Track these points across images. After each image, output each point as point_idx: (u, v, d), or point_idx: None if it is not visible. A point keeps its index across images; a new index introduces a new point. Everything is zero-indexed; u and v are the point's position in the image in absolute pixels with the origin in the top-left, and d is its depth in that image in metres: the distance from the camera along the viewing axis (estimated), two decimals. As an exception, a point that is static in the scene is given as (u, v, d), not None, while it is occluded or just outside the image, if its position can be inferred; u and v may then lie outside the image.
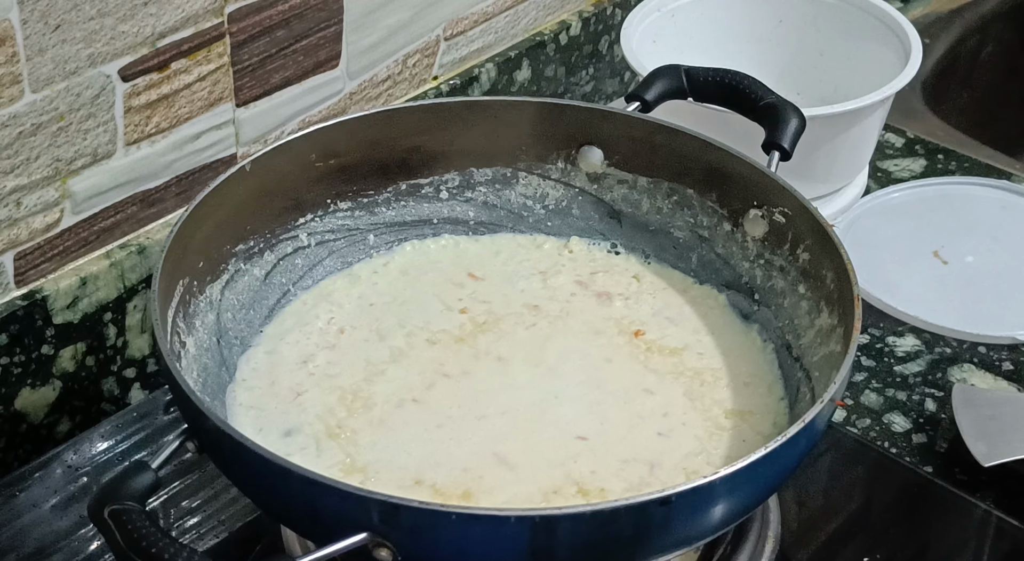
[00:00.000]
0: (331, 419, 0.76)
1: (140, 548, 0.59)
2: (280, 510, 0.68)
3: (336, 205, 0.87)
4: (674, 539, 0.65)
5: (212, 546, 0.81)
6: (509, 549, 0.62)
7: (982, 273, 1.04)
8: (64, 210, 0.86)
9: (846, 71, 1.11)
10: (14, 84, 0.79)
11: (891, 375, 0.95)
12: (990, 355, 0.96)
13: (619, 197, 0.89)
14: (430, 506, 0.60)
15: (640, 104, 0.86)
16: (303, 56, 0.95)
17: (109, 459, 0.87)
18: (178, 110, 0.89)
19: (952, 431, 0.89)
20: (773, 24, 1.14)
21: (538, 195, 0.90)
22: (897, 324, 0.99)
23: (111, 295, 0.89)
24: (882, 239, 1.06)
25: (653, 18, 1.09)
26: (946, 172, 1.14)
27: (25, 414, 0.88)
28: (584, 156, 0.88)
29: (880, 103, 1.00)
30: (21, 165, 0.82)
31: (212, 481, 0.84)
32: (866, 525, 0.84)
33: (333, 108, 1.00)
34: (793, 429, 0.64)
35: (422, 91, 1.07)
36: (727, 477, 0.62)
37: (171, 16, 0.85)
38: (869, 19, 1.09)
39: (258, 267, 0.84)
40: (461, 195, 0.89)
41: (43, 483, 0.85)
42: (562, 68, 1.16)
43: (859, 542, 0.82)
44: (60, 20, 0.80)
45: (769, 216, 0.82)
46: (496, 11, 1.09)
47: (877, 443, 0.89)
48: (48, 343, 0.87)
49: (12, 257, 0.85)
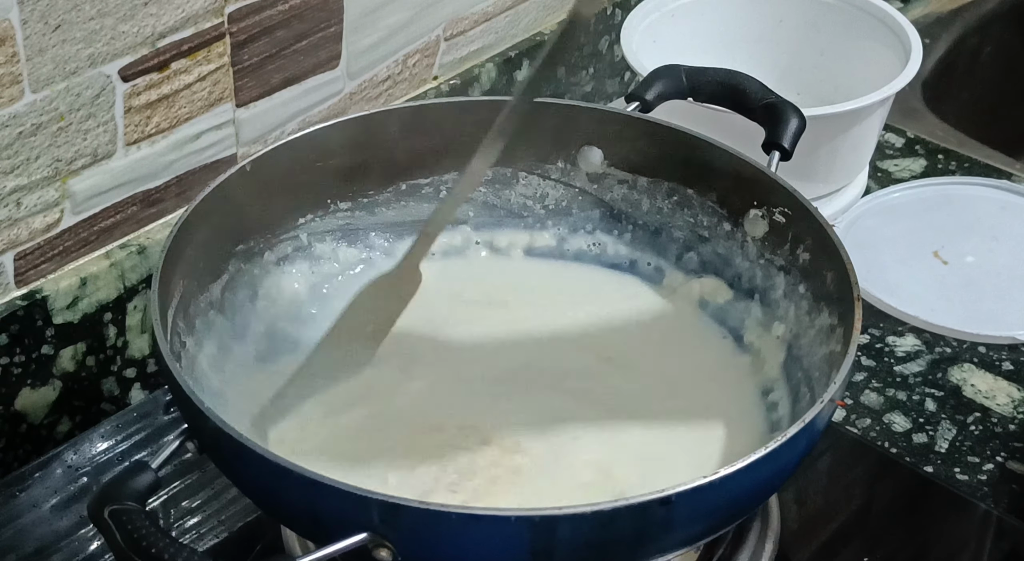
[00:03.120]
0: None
1: (140, 548, 0.59)
2: (280, 510, 0.68)
3: (336, 205, 0.87)
4: (674, 539, 0.65)
5: (212, 546, 0.81)
6: (509, 549, 0.62)
7: (982, 273, 1.04)
8: (64, 210, 0.86)
9: (846, 71, 1.11)
10: (14, 84, 0.79)
11: (891, 375, 0.95)
12: (990, 355, 0.96)
13: (619, 197, 0.89)
14: (430, 506, 0.60)
15: (640, 104, 0.86)
16: (303, 56, 0.95)
17: (109, 459, 0.87)
18: (178, 110, 0.89)
19: (952, 431, 0.89)
20: (773, 24, 1.14)
21: (538, 195, 0.90)
22: (897, 324, 0.99)
23: (111, 295, 0.89)
24: (882, 239, 1.06)
25: (653, 18, 1.09)
26: (946, 172, 1.14)
27: (25, 414, 0.88)
28: (584, 156, 0.88)
29: (880, 103, 1.00)
30: (21, 165, 0.82)
31: (212, 481, 0.84)
32: (866, 525, 0.84)
33: (333, 108, 1.00)
34: (793, 429, 0.64)
35: (422, 91, 1.07)
36: (727, 477, 0.62)
37: (171, 16, 0.85)
38: (869, 19, 1.09)
39: (258, 267, 0.84)
40: (461, 195, 0.89)
41: (43, 483, 0.85)
42: (562, 68, 1.16)
43: (859, 542, 0.82)
44: (60, 20, 0.80)
45: (769, 216, 0.82)
46: (496, 11, 1.09)
47: (877, 443, 0.89)
48: (48, 343, 0.87)
49: (12, 257, 0.85)
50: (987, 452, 0.89)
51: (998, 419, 0.91)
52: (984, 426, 0.91)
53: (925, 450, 0.89)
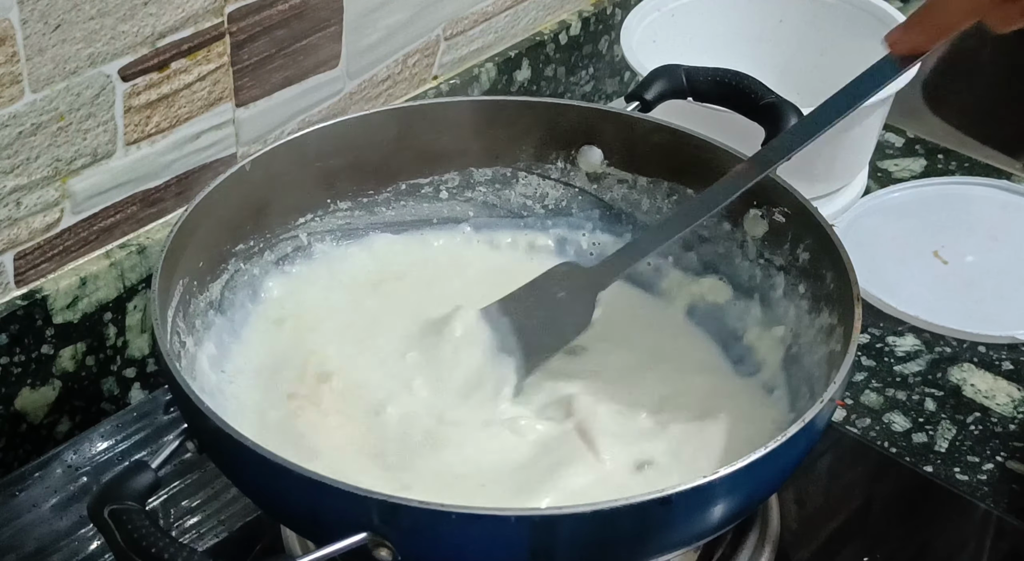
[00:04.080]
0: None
1: (140, 548, 0.59)
2: (280, 510, 0.68)
3: (336, 205, 0.87)
4: (674, 539, 0.65)
5: (212, 546, 0.81)
6: (509, 549, 0.62)
7: (982, 273, 1.04)
8: (64, 210, 0.86)
9: (846, 71, 1.10)
10: (14, 84, 0.79)
11: (891, 375, 0.95)
12: (990, 355, 0.96)
13: (619, 197, 0.89)
14: (430, 506, 0.60)
15: (640, 104, 0.86)
16: (303, 56, 0.95)
17: (109, 459, 0.87)
18: (178, 110, 0.89)
19: (952, 431, 0.89)
20: (773, 24, 1.14)
21: (538, 195, 0.90)
22: (897, 324, 0.99)
23: (111, 295, 0.89)
24: (882, 239, 1.06)
25: (653, 18, 1.09)
26: (946, 172, 1.14)
27: (25, 414, 0.88)
28: (584, 156, 0.88)
29: (880, 103, 1.00)
30: (21, 165, 0.82)
31: (212, 481, 0.84)
32: (866, 525, 0.84)
33: (333, 108, 1.00)
34: (793, 429, 0.64)
35: (422, 91, 1.07)
36: (727, 477, 0.62)
37: (171, 16, 0.85)
38: (869, 19, 1.09)
39: (258, 267, 0.84)
40: (461, 195, 0.89)
41: (43, 483, 0.85)
42: (562, 68, 1.16)
43: (859, 542, 0.82)
44: (60, 20, 0.80)
45: (769, 216, 0.82)
46: (496, 11, 1.09)
47: (877, 443, 0.89)
48: (48, 343, 0.87)
49: (12, 257, 0.85)
50: (987, 452, 0.89)
51: (998, 419, 0.91)
52: (984, 426, 0.91)
53: (925, 450, 0.89)
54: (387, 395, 0.78)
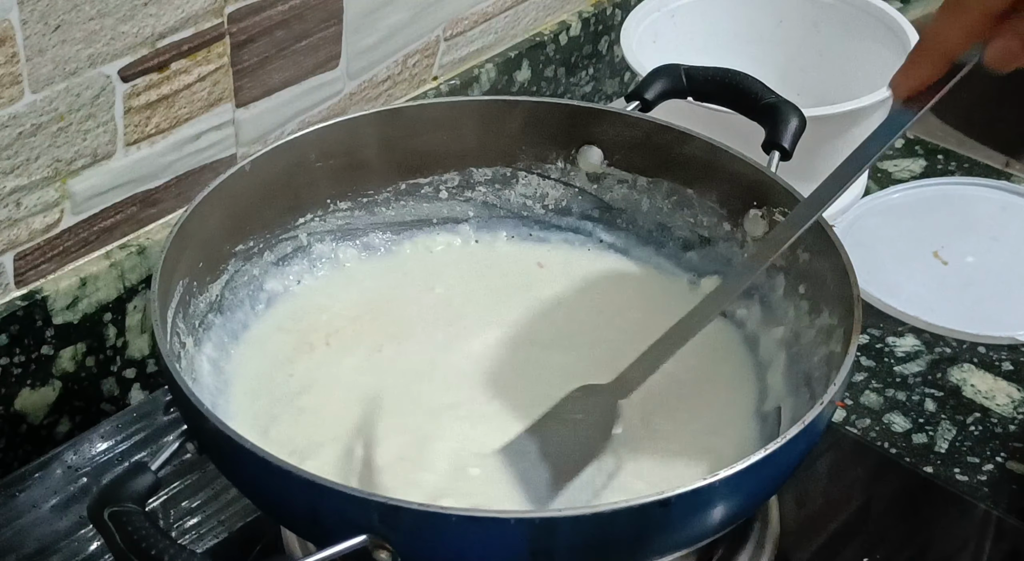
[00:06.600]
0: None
1: (140, 549, 0.59)
2: (280, 511, 0.68)
3: (336, 205, 0.87)
4: (674, 541, 0.65)
5: (212, 546, 0.81)
6: (509, 550, 0.62)
7: (982, 273, 1.04)
8: (64, 210, 0.86)
9: (846, 71, 1.11)
10: (14, 84, 0.79)
11: (891, 375, 0.95)
12: (990, 355, 0.96)
13: (619, 197, 0.89)
14: (430, 508, 0.60)
15: (640, 104, 0.86)
16: (303, 56, 0.95)
17: (109, 459, 0.87)
18: (178, 110, 0.89)
19: (952, 431, 0.89)
20: (773, 24, 1.14)
21: (538, 195, 0.90)
22: (897, 324, 0.99)
23: (111, 295, 0.89)
24: (882, 239, 1.06)
25: (653, 18, 1.09)
26: (946, 172, 1.14)
27: (25, 414, 0.88)
28: (584, 156, 0.88)
29: (880, 103, 1.00)
30: (21, 165, 0.82)
31: (212, 481, 0.84)
32: (866, 525, 0.84)
33: (333, 108, 1.00)
34: (793, 430, 0.64)
35: (422, 91, 1.07)
36: (727, 479, 0.62)
37: (171, 16, 0.85)
38: (869, 19, 1.09)
39: (258, 267, 0.84)
40: (461, 195, 0.89)
41: (43, 483, 0.85)
42: (562, 68, 1.16)
43: (859, 542, 0.82)
44: (60, 20, 0.80)
45: (769, 216, 0.82)
46: (496, 11, 1.09)
47: (877, 443, 0.89)
48: (48, 343, 0.87)
49: (12, 257, 0.85)
50: (987, 452, 0.89)
51: (998, 419, 0.91)
52: (984, 426, 0.91)
53: (925, 450, 0.89)
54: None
